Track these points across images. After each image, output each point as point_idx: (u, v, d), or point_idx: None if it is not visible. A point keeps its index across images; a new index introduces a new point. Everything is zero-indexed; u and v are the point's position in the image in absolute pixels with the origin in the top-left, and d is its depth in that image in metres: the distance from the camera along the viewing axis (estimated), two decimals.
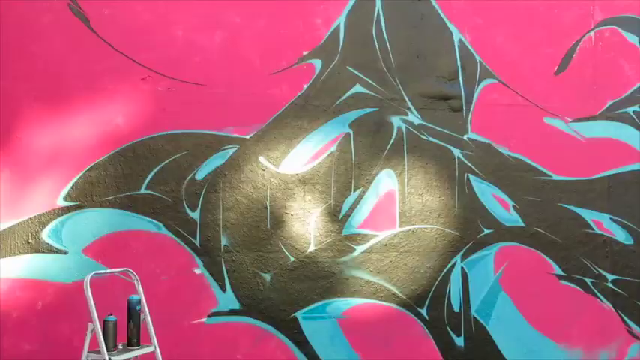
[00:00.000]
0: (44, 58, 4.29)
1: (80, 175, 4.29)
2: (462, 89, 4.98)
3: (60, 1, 4.32)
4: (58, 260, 4.22)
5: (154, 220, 4.38)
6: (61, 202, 4.25)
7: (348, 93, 4.76)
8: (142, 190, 4.38)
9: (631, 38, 5.34)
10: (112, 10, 4.40)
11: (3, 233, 4.17)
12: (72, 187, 4.28)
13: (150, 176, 4.40)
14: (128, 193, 4.36)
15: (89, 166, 4.31)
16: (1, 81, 4.22)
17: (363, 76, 4.79)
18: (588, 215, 5.15)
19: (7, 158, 4.20)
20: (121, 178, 4.35)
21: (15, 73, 4.23)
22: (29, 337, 4.16)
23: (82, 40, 4.33)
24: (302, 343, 4.56)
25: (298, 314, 4.58)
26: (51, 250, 4.22)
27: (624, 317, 5.17)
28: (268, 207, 4.58)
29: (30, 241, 4.20)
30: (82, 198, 4.29)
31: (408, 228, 4.80)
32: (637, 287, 5.20)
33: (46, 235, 4.22)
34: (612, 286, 5.16)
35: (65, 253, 4.24)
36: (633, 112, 5.30)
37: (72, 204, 4.27)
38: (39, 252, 4.21)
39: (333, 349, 4.60)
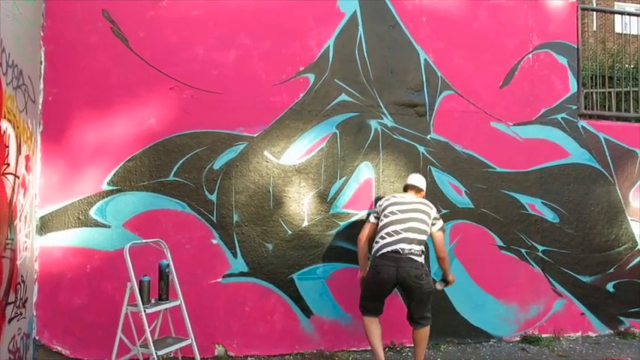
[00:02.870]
0: (91, 70, 4.24)
1: (120, 165, 4.27)
2: (426, 99, 4.96)
3: (104, 24, 4.28)
4: (103, 233, 4.21)
5: (179, 201, 4.37)
6: (105, 187, 4.23)
7: (336, 101, 4.73)
8: (170, 177, 4.36)
9: (561, 60, 5.36)
10: (146, 32, 4.35)
11: (58, 211, 4.16)
12: (114, 175, 4.26)
13: (176, 166, 4.37)
14: (159, 180, 4.34)
15: (128, 158, 4.28)
16: (56, 89, 4.18)
17: (347, 88, 4.76)
18: (524, 199, 5.18)
19: (62, 152, 4.17)
20: (153, 167, 4.32)
21: (68, 83, 4.19)
22: (80, 294, 4.18)
23: (122, 57, 4.29)
24: (297, 298, 4.58)
25: (294, 276, 4.59)
26: (97, 224, 4.21)
27: (551, 279, 5.22)
28: (271, 191, 4.57)
29: (80, 217, 4.19)
30: (122, 183, 4.27)
31: None
32: (561, 256, 5.25)
33: (93, 212, 4.20)
34: (542, 255, 5.21)
35: (109, 227, 4.22)
36: (562, 118, 5.31)
37: (114, 188, 4.26)
38: (87, 226, 4.19)
39: (322, 304, 4.63)
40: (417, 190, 4.29)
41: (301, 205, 4.61)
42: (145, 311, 3.43)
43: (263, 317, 4.50)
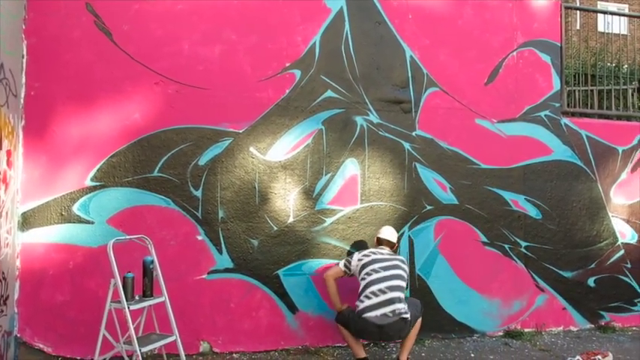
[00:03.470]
0: (75, 64, 4.17)
1: (104, 160, 4.21)
2: (412, 95, 4.96)
3: (87, 18, 4.20)
4: (86, 229, 4.15)
5: (164, 197, 4.32)
6: (88, 182, 4.18)
7: (322, 97, 4.71)
8: (155, 173, 4.31)
9: (545, 57, 5.39)
10: (130, 26, 4.29)
11: (41, 207, 4.09)
12: (97, 170, 4.20)
13: (161, 162, 4.32)
14: (143, 175, 4.29)
15: (112, 153, 4.23)
16: (39, 83, 4.10)
17: (333, 84, 4.75)
18: (508, 196, 5.22)
19: (45, 147, 4.10)
20: (137, 163, 4.27)
21: (50, 77, 4.11)
22: (63, 290, 4.12)
23: (105, 51, 4.23)
24: (283, 294, 4.57)
25: (280, 272, 4.57)
26: (80, 220, 4.15)
27: (533, 275, 5.27)
28: (257, 187, 4.54)
29: (63, 213, 4.13)
30: (106, 179, 4.21)
31: (367, 204, 4.81)
32: (544, 252, 5.30)
33: (76, 208, 4.14)
34: (525, 251, 5.25)
35: (92, 223, 4.17)
36: (545, 115, 5.34)
37: (98, 184, 4.20)
38: (70, 222, 4.13)
39: (307, 300, 4.62)
40: (392, 245, 4.35)
41: (287, 201, 4.59)
42: (128, 308, 3.40)
43: (248, 313, 4.48)
